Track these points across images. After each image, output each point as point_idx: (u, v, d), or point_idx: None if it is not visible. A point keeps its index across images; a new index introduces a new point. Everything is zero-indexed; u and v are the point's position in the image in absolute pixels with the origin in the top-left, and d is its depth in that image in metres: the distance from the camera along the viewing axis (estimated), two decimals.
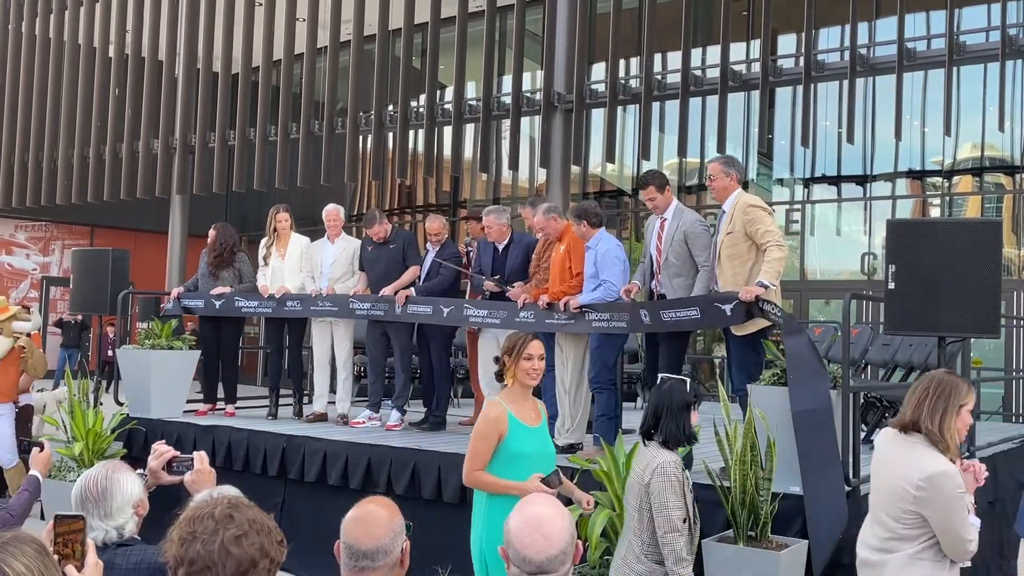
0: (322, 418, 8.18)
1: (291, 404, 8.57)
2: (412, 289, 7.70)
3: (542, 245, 7.18)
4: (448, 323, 7.57)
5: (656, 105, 14.46)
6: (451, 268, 7.79)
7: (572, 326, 6.46)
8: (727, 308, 5.57)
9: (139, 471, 3.23)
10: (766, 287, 5.46)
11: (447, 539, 6.14)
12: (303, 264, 8.36)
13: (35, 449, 4.41)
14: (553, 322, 6.60)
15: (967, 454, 5.20)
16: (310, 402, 8.55)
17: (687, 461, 5.67)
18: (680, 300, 5.90)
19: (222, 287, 8.40)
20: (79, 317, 18.62)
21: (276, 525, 2.14)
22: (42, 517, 7.63)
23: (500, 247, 7.58)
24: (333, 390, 8.46)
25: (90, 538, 2.36)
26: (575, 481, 5.55)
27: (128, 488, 2.95)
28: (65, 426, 7.42)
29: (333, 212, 8.30)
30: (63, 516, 2.24)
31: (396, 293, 7.66)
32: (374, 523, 2.37)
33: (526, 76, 14.90)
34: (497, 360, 4.19)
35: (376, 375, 8.21)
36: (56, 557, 2.15)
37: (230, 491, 2.92)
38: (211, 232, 8.62)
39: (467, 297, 7.97)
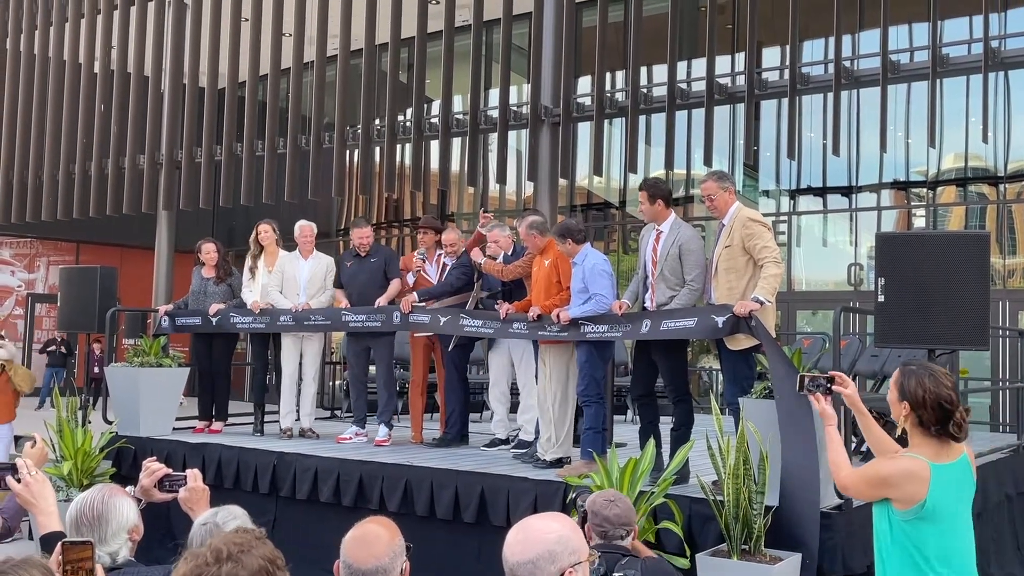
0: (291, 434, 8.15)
1: (276, 421, 8.52)
2: (415, 295, 7.66)
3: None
4: (444, 332, 7.54)
5: (642, 118, 14.51)
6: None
7: (566, 336, 6.45)
8: (719, 320, 5.58)
9: (129, 488, 3.19)
10: (762, 303, 5.48)
11: (440, 556, 6.15)
12: (273, 277, 8.33)
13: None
14: (546, 333, 6.58)
15: None
16: (298, 418, 8.51)
17: (682, 474, 5.68)
18: (684, 310, 5.89)
19: (217, 304, 8.36)
20: (64, 337, 18.57)
21: (278, 556, 2.09)
22: (30, 537, 7.55)
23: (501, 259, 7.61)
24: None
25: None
26: (568, 500, 5.55)
27: (124, 513, 2.89)
28: (53, 445, 7.36)
29: (308, 228, 8.29)
30: (71, 542, 2.22)
31: (392, 303, 7.68)
32: (374, 543, 2.37)
33: (513, 90, 14.94)
34: None
35: (359, 391, 8.16)
36: None
37: (235, 511, 2.89)
38: (210, 246, 8.57)
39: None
